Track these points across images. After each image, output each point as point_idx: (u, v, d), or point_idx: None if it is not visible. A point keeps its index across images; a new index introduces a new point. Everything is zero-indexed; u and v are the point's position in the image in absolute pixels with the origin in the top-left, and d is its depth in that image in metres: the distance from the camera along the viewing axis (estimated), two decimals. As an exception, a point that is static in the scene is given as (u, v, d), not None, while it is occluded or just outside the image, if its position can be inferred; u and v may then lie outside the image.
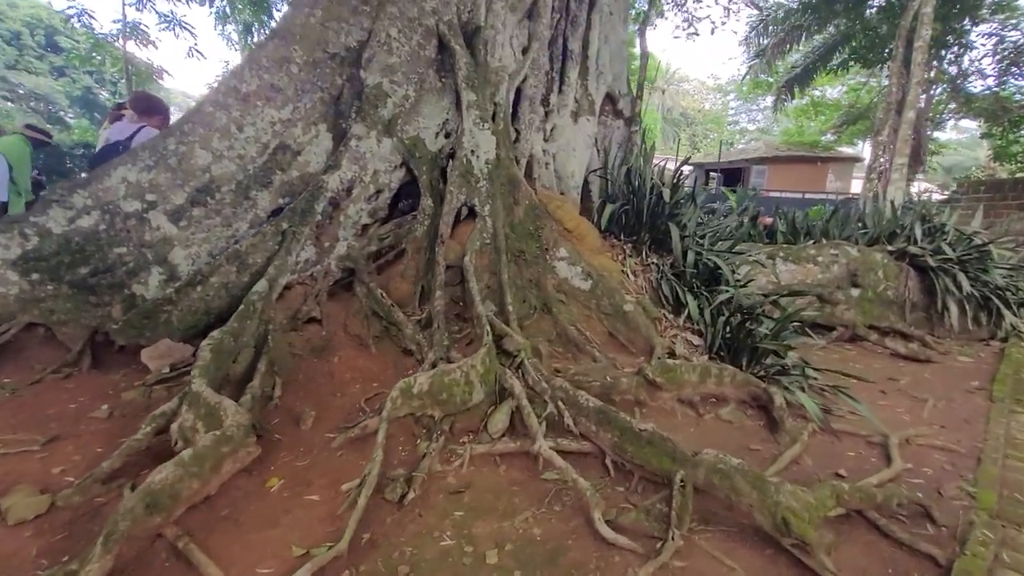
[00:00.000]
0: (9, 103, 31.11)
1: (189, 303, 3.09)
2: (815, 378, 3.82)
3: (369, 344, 3.58)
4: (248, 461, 2.24)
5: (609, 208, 4.59)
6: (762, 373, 3.68)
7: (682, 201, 4.57)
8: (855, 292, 5.75)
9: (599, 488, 2.51)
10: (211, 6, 14.90)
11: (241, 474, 2.32)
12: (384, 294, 3.61)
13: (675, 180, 4.58)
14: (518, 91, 4.60)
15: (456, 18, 3.97)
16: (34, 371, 3.18)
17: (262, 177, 3.60)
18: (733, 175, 21.39)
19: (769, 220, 7.43)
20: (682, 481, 2.25)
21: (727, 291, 3.87)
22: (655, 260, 4.47)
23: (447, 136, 4.09)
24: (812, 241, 6.49)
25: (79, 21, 15.53)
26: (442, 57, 4.02)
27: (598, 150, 5.32)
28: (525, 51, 4.58)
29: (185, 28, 15.82)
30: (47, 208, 3.38)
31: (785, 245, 5.96)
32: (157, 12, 15.14)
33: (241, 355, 2.94)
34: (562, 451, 2.69)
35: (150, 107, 4.01)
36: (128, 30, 15.50)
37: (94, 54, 19.85)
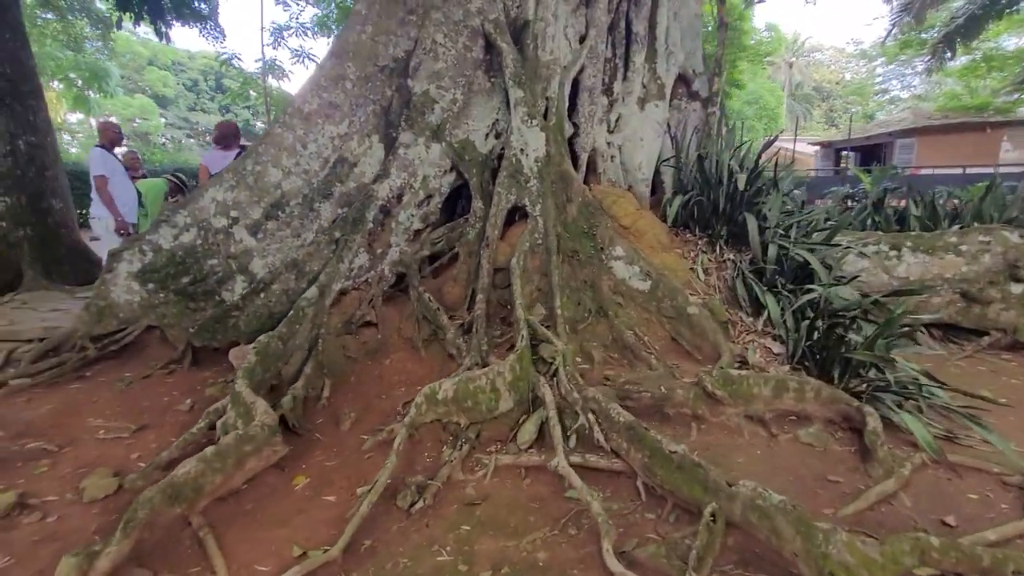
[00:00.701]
0: (192, 139, 37.48)
1: (254, 309, 3.40)
2: (936, 396, 3.11)
3: (419, 348, 3.64)
4: (274, 459, 2.38)
5: (678, 200, 4.17)
6: (860, 388, 3.08)
7: (763, 188, 3.99)
8: (1016, 288, 4.59)
9: (626, 513, 2.27)
10: (329, 37, 16.55)
11: (272, 470, 2.48)
12: (432, 298, 3.65)
13: (756, 164, 4.01)
14: (576, 83, 4.38)
15: (503, 15, 3.88)
16: (148, 367, 3.69)
17: (323, 189, 3.84)
18: (872, 153, 18.38)
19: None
20: (713, 515, 1.94)
21: (815, 290, 3.29)
22: (731, 256, 3.97)
23: (498, 136, 4.03)
24: (959, 226, 5.33)
25: (230, 64, 18.19)
26: (490, 57, 3.97)
27: (672, 137, 4.88)
28: (583, 40, 4.35)
29: (312, 60, 17.76)
30: (158, 227, 3.92)
31: (915, 233, 4.96)
32: (289, 48, 17.16)
33: (293, 358, 3.16)
34: (590, 468, 2.49)
35: (237, 134, 4.50)
36: (267, 67, 17.78)
37: (248, 90, 23.20)
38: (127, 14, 5.72)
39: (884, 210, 5.95)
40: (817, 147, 20.97)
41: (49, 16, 12.51)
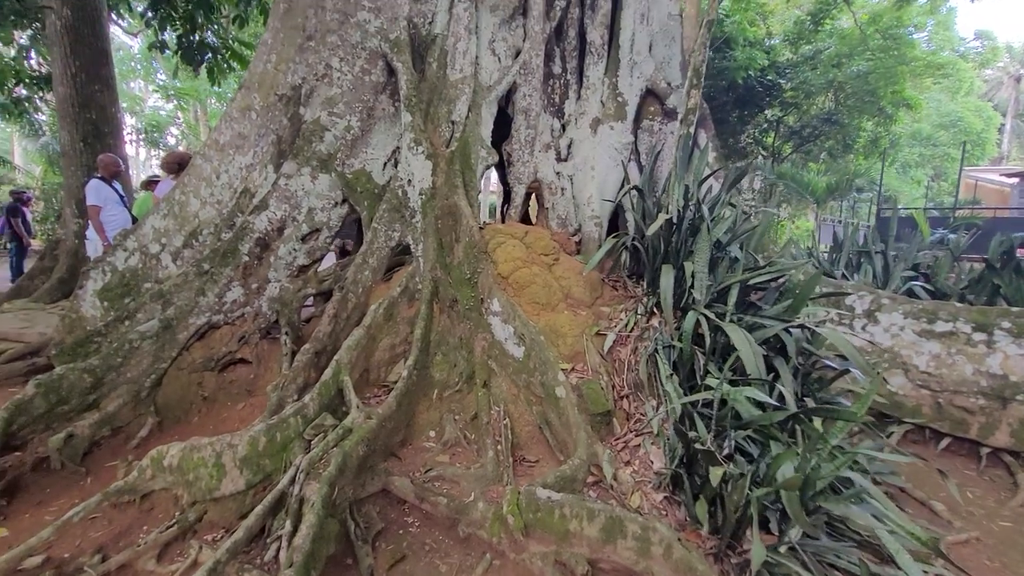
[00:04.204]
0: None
1: (118, 336, 3.41)
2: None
3: (280, 393, 3.32)
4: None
5: (607, 244, 3.25)
6: (748, 550, 1.93)
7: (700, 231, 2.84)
8: None
9: None
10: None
11: (-11, 514, 2.34)
12: (288, 340, 3.32)
13: (684, 199, 2.90)
14: (511, 105, 3.77)
15: (406, 33, 3.48)
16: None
17: (229, 219, 3.79)
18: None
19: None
20: None
21: (711, 387, 2.19)
22: (656, 323, 2.93)
23: (396, 166, 3.60)
24: None
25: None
26: (396, 79, 3.58)
27: (639, 165, 3.90)
28: (518, 55, 3.73)
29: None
30: (115, 249, 4.24)
31: (1017, 309, 3.24)
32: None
33: (115, 392, 3.06)
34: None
35: (184, 163, 4.71)
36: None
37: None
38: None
39: (1010, 272, 4.06)
40: (1016, 179, 16.11)
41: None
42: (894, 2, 11.69)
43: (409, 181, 3.35)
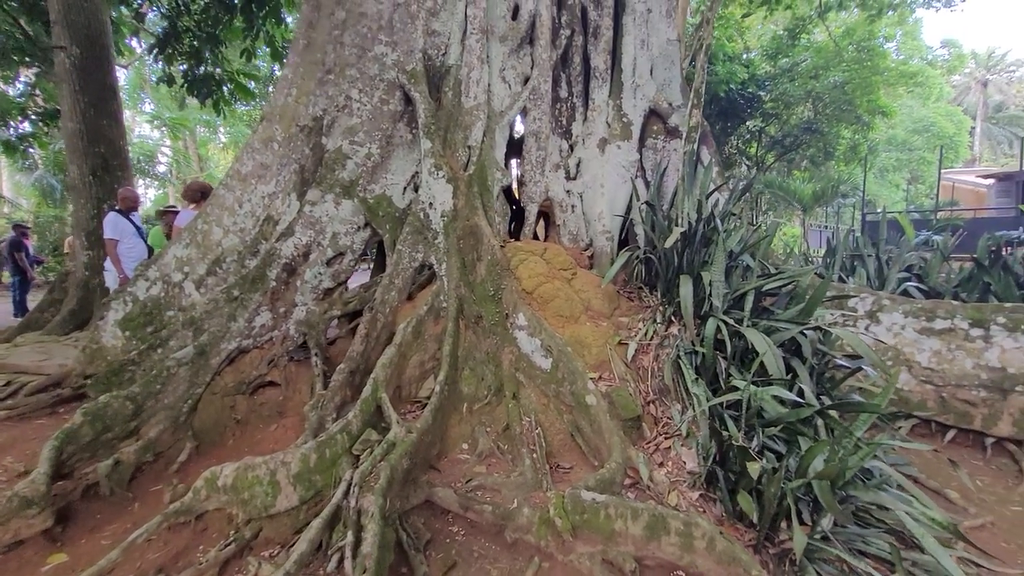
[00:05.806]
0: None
1: (151, 364, 3.49)
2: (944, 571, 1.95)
3: (311, 414, 3.41)
4: (28, 533, 2.29)
5: (621, 258, 3.42)
6: (785, 541, 2.06)
7: (714, 241, 3.03)
8: None
9: None
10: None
11: (44, 542, 2.39)
12: (319, 361, 3.42)
13: (698, 211, 3.09)
14: (522, 128, 3.95)
15: (421, 65, 3.67)
16: (108, 409, 3.97)
17: (252, 247, 3.91)
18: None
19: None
20: None
21: (739, 387, 2.34)
22: (676, 331, 3.09)
23: (416, 190, 3.76)
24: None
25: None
26: (412, 108, 3.76)
27: (646, 181, 4.10)
28: (527, 82, 3.93)
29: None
30: (136, 280, 4.32)
31: (1011, 304, 3.44)
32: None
33: (155, 418, 3.13)
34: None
35: (206, 192, 4.85)
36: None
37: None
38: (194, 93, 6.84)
39: (999, 270, 4.29)
40: (991, 180, 16.69)
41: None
42: (866, 16, 12.22)
43: (431, 204, 3.50)
